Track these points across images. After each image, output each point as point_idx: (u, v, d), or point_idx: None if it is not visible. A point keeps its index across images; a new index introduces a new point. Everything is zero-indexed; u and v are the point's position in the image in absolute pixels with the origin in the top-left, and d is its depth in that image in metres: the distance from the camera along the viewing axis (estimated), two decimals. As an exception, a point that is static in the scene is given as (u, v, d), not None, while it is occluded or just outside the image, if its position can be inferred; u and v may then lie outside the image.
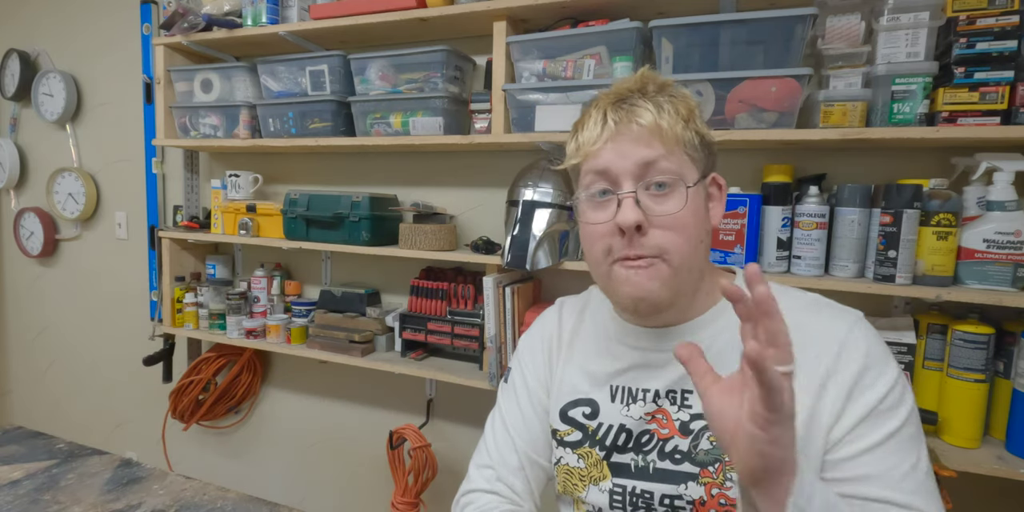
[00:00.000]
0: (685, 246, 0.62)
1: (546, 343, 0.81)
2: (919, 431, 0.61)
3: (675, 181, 0.61)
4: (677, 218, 0.61)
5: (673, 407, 0.68)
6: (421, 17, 1.36)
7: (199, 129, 1.75)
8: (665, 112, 0.61)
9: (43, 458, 1.19)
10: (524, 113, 1.32)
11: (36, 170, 2.39)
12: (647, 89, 0.64)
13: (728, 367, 0.63)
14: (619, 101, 0.63)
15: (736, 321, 0.64)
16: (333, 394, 1.87)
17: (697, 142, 0.64)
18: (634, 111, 0.62)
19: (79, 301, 2.34)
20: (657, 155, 0.61)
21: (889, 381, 0.60)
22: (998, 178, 1.02)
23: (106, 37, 2.13)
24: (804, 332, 0.61)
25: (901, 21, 1.02)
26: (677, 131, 0.61)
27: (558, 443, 0.76)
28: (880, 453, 0.59)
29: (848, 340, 0.62)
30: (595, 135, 0.63)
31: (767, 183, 1.17)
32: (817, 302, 0.68)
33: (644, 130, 0.61)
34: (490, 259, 1.35)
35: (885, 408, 0.59)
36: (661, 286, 0.62)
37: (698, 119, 0.64)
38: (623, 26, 1.20)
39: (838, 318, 0.64)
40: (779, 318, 0.44)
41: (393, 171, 1.70)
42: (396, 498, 1.52)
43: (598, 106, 0.65)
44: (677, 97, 0.64)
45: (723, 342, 0.66)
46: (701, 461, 0.66)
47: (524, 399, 0.80)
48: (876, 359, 0.61)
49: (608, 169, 0.63)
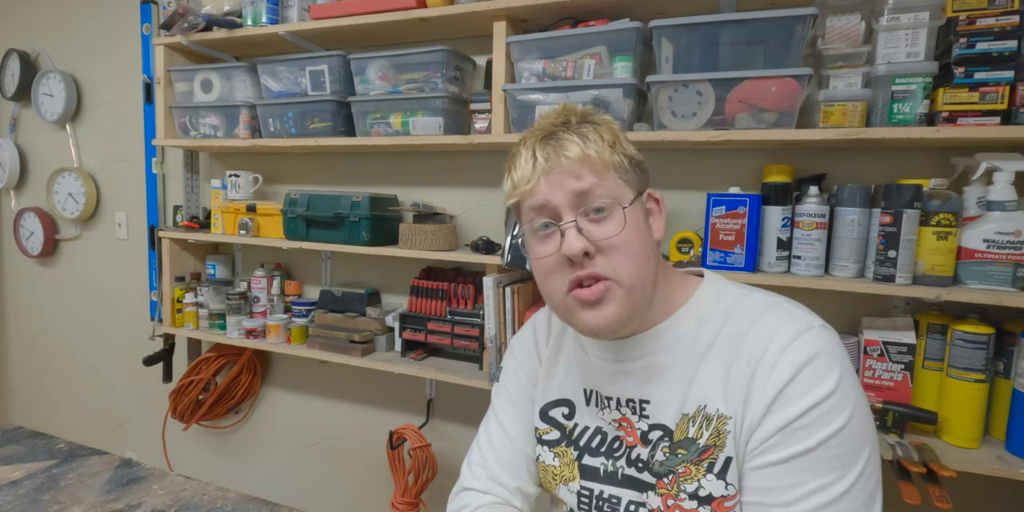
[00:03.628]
0: (633, 265, 0.63)
1: (535, 341, 0.83)
2: (852, 454, 0.57)
3: (611, 204, 0.63)
4: (620, 239, 0.62)
5: (634, 416, 0.69)
6: (421, 17, 1.36)
7: (199, 129, 1.75)
8: (591, 141, 0.63)
9: (43, 458, 1.19)
10: (524, 113, 1.32)
11: (36, 170, 2.39)
12: (570, 121, 0.66)
13: (688, 367, 0.66)
14: (546, 137, 0.65)
15: (694, 325, 0.67)
16: (333, 394, 1.87)
17: (627, 163, 0.65)
18: (561, 145, 0.63)
19: (79, 301, 2.34)
20: (590, 184, 0.63)
21: (815, 398, 0.57)
22: (998, 178, 1.02)
23: (106, 37, 2.13)
24: (749, 334, 0.63)
25: (901, 21, 1.02)
26: (605, 157, 0.63)
27: (538, 441, 0.78)
28: (781, 469, 0.58)
29: (788, 348, 0.59)
30: (528, 173, 0.64)
31: (767, 183, 1.17)
32: (773, 306, 0.65)
33: (573, 162, 0.63)
34: (490, 259, 1.35)
35: (800, 426, 0.57)
36: (617, 310, 0.63)
37: (623, 142, 0.66)
38: (623, 26, 1.20)
39: (787, 324, 0.62)
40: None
41: (393, 171, 1.70)
42: (396, 498, 1.52)
43: (526, 144, 0.66)
44: (600, 124, 0.66)
45: (683, 345, 0.67)
46: (656, 472, 0.66)
47: (518, 396, 0.81)
48: (810, 373, 0.58)
49: (546, 204, 0.64)
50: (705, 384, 0.64)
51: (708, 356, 0.65)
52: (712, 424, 0.63)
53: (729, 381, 0.62)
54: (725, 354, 0.64)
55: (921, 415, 1.05)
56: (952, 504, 0.97)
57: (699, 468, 0.63)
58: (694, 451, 0.63)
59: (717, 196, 1.16)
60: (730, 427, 0.62)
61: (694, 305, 0.69)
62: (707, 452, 0.63)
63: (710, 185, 1.31)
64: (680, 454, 0.64)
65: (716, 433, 0.62)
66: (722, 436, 0.62)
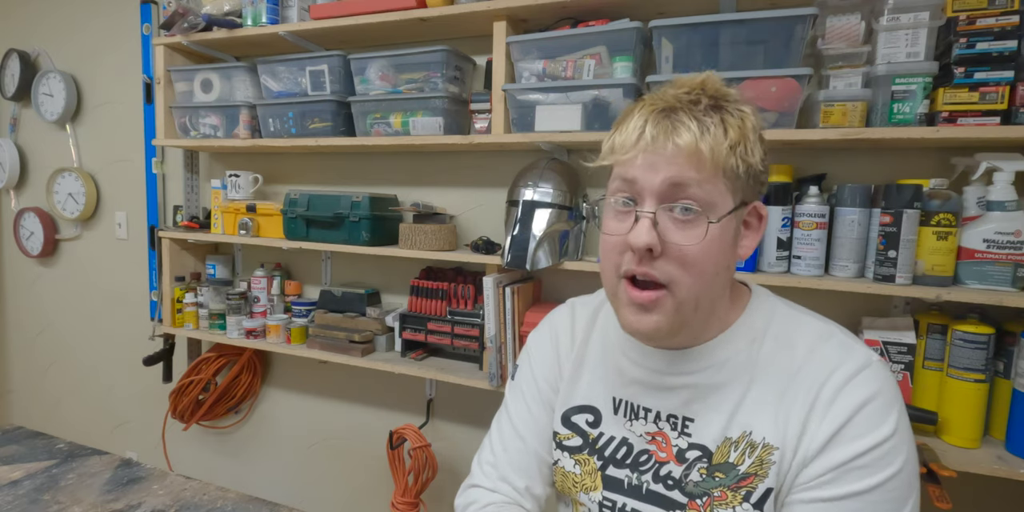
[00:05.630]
0: (696, 282, 0.58)
1: (556, 342, 0.79)
2: (900, 500, 0.56)
3: (698, 214, 0.56)
4: (691, 251, 0.57)
5: (673, 432, 0.66)
6: (421, 17, 1.36)
7: (199, 129, 1.75)
8: (710, 134, 0.55)
9: (43, 458, 1.19)
10: (524, 113, 1.32)
11: (36, 170, 2.39)
12: (700, 102, 0.57)
13: (736, 390, 0.63)
14: (665, 110, 0.57)
15: (745, 345, 0.64)
16: (333, 394, 1.87)
17: (742, 170, 0.57)
18: (675, 128, 0.56)
19: (79, 301, 2.34)
20: (689, 179, 0.56)
21: (875, 439, 0.55)
22: (998, 178, 1.02)
23: (106, 37, 2.13)
24: (806, 366, 0.60)
25: (901, 21, 1.02)
26: (719, 157, 0.55)
27: (557, 445, 0.75)
28: (832, 507, 0.56)
29: (848, 386, 0.57)
30: (630, 143, 0.58)
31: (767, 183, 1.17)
32: (830, 336, 0.62)
33: (680, 151, 0.55)
34: (490, 259, 1.35)
35: (858, 465, 0.55)
36: (662, 320, 0.59)
37: (750, 143, 0.58)
38: (623, 26, 1.20)
39: (846, 358, 0.59)
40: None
41: (393, 171, 1.70)
42: (396, 498, 1.52)
43: (642, 110, 0.59)
44: (732, 116, 0.57)
45: (733, 366, 0.63)
46: (690, 492, 0.64)
47: (532, 396, 0.79)
48: (870, 412, 0.56)
49: (635, 180, 0.58)
50: (754, 411, 0.61)
51: (758, 381, 0.62)
52: (756, 452, 0.60)
53: (781, 412, 0.60)
54: (777, 382, 0.61)
55: (921, 415, 1.05)
56: (952, 504, 0.96)
57: (736, 495, 0.61)
58: (733, 477, 0.61)
59: (717, 196, 1.16)
60: (775, 458, 0.59)
61: (745, 323, 0.65)
62: (747, 480, 0.60)
63: (710, 185, 1.31)
64: (718, 477, 0.62)
65: (759, 462, 0.60)
66: (765, 466, 0.60)
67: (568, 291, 1.51)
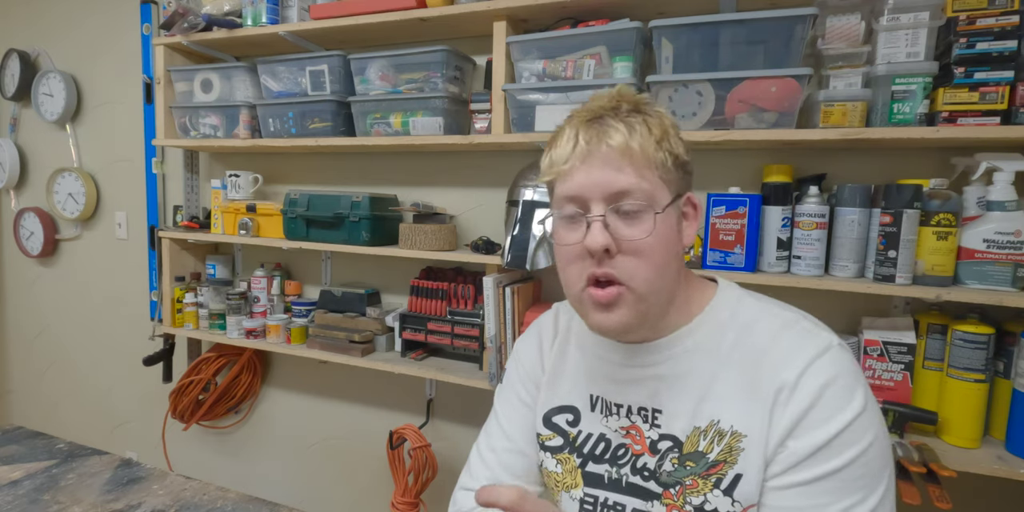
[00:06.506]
0: (651, 272, 0.61)
1: (540, 345, 0.81)
2: (876, 474, 0.57)
3: (644, 207, 0.61)
4: (645, 243, 0.61)
5: (645, 425, 0.68)
6: (421, 17, 1.36)
7: (199, 129, 1.75)
8: (637, 133, 0.60)
9: (43, 458, 1.19)
10: (524, 113, 1.32)
11: (36, 170, 2.39)
12: (620, 108, 0.63)
13: (700, 379, 0.65)
14: (592, 120, 0.63)
15: (708, 337, 0.66)
16: (333, 394, 1.87)
17: (671, 163, 0.62)
18: (605, 132, 0.61)
19: (79, 301, 2.34)
20: (627, 179, 0.60)
21: (842, 421, 0.57)
22: (998, 178, 1.02)
23: (106, 37, 2.13)
24: (768, 353, 0.62)
25: (901, 21, 1.02)
26: (649, 152, 0.60)
27: (541, 447, 0.77)
28: (808, 490, 0.57)
29: (808, 370, 0.59)
30: (566, 154, 0.62)
31: (767, 183, 1.17)
32: (792, 323, 0.64)
33: (614, 151, 0.60)
34: (490, 259, 1.35)
35: (829, 446, 0.57)
36: (626, 315, 0.62)
37: (672, 138, 0.63)
38: (623, 26, 1.20)
39: (805, 344, 0.61)
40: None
41: (393, 171, 1.70)
42: (396, 498, 1.52)
43: (571, 124, 0.64)
44: (651, 116, 0.63)
45: (696, 355, 0.66)
46: (664, 482, 0.66)
47: (520, 398, 0.80)
48: (833, 394, 0.58)
49: (578, 194, 0.62)
50: (720, 399, 0.63)
51: (724, 370, 0.64)
52: (725, 440, 0.62)
53: (747, 400, 0.62)
54: (743, 371, 0.63)
55: (921, 415, 1.05)
56: (952, 504, 0.97)
57: (707, 482, 0.62)
58: (703, 465, 0.63)
59: (717, 196, 1.16)
60: (743, 445, 0.61)
61: (710, 314, 0.68)
62: (716, 467, 0.62)
63: (710, 185, 1.31)
64: (688, 466, 0.64)
65: (728, 449, 0.62)
66: (734, 453, 0.61)
67: (568, 291, 1.51)
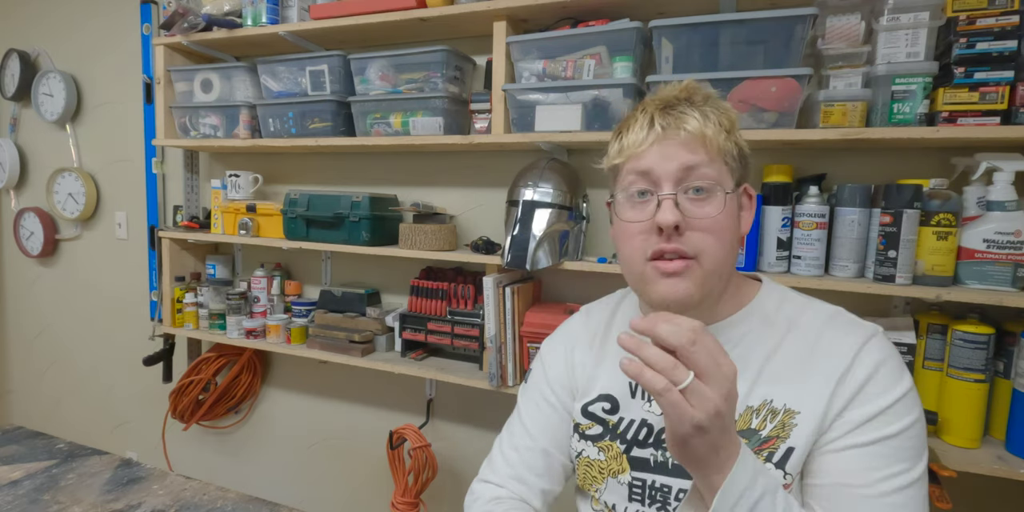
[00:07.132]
0: (720, 250, 0.64)
1: (570, 347, 0.83)
2: (919, 448, 0.62)
3: (714, 186, 0.64)
4: (715, 221, 0.64)
5: None
6: (421, 17, 1.36)
7: (199, 129, 1.75)
8: (711, 121, 0.64)
9: (43, 458, 1.19)
10: (524, 113, 1.32)
11: (36, 170, 2.38)
12: (694, 99, 0.66)
13: (754, 363, 0.68)
14: (667, 107, 0.66)
15: (759, 325, 0.69)
16: (333, 394, 1.87)
17: (736, 153, 0.67)
18: (682, 118, 0.64)
19: (79, 301, 2.34)
20: (699, 161, 0.63)
21: (896, 394, 0.62)
22: (998, 178, 1.02)
23: (106, 37, 2.13)
24: (822, 344, 0.66)
25: (901, 21, 1.02)
26: (720, 141, 0.64)
27: (580, 436, 0.78)
28: (865, 452, 0.61)
29: (861, 352, 0.64)
30: (641, 138, 0.65)
31: (767, 183, 1.17)
32: (837, 315, 0.70)
33: (690, 136, 0.63)
34: (490, 259, 1.35)
35: (885, 415, 0.61)
36: (693, 287, 0.64)
37: (737, 131, 0.67)
38: (623, 26, 1.20)
39: (855, 330, 0.67)
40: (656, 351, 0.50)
41: (393, 171, 1.70)
42: (396, 498, 1.52)
43: (645, 111, 0.67)
44: (720, 109, 0.66)
45: (748, 342, 0.69)
46: None
47: (544, 398, 0.83)
48: (888, 371, 0.63)
49: (651, 170, 0.65)
50: (773, 382, 0.67)
51: (775, 354, 0.67)
52: (778, 417, 0.65)
53: (802, 380, 0.65)
54: (796, 355, 0.67)
55: (921, 415, 1.05)
56: (952, 504, 0.96)
57: (759, 456, 0.65)
58: (755, 441, 0.66)
59: (717, 196, 1.16)
60: (797, 421, 0.64)
61: (758, 305, 0.71)
62: (769, 442, 0.65)
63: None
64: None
65: (781, 425, 0.65)
66: (788, 428, 0.64)
67: (568, 291, 1.51)
